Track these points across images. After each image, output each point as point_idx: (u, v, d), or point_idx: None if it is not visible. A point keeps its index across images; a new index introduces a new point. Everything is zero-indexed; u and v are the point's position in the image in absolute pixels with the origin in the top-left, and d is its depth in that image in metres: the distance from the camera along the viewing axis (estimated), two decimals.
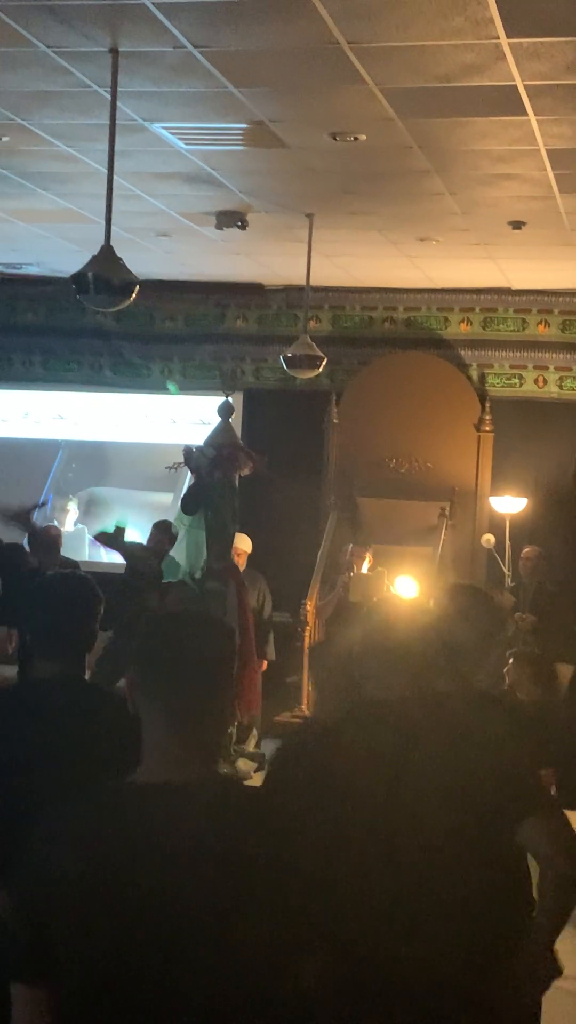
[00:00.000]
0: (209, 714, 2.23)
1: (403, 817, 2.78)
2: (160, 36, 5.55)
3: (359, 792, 2.75)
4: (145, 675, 2.24)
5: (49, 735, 3.08)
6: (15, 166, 8.07)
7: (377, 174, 7.77)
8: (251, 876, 2.09)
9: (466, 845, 2.83)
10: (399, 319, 12.13)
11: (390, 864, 2.73)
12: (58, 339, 12.94)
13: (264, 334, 12.34)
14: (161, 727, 2.20)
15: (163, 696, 2.20)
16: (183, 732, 2.19)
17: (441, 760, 2.87)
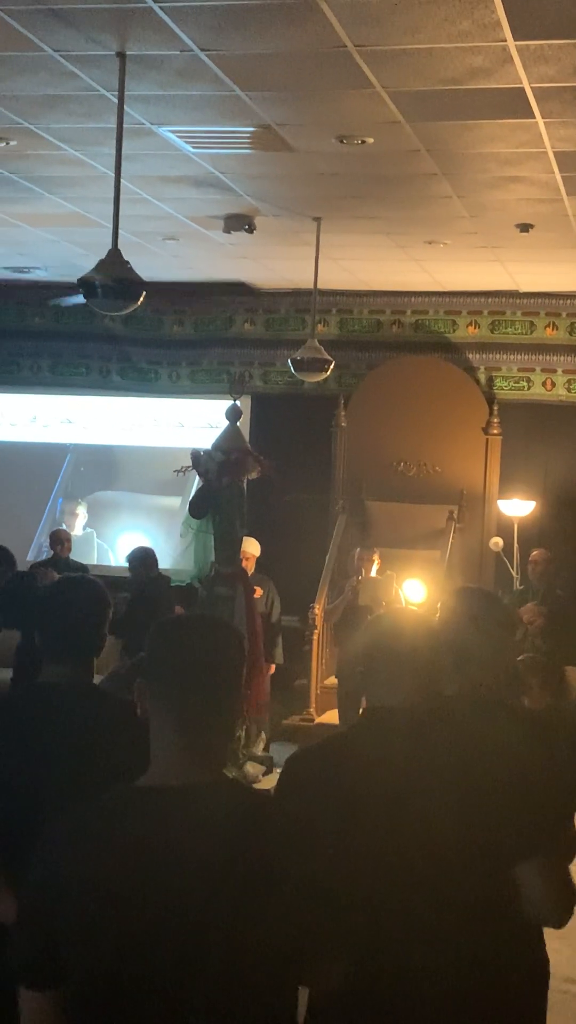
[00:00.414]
0: (218, 718, 2.22)
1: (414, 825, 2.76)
2: (167, 40, 5.56)
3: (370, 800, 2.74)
4: (155, 680, 2.23)
5: (57, 739, 3.07)
6: (22, 170, 8.08)
7: (384, 177, 7.76)
8: (260, 882, 2.09)
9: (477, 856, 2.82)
10: (407, 322, 12.13)
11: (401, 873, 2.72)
12: (66, 343, 12.97)
13: (272, 338, 12.35)
14: (170, 732, 2.20)
15: (172, 701, 2.20)
16: (192, 737, 2.19)
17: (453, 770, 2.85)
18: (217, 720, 2.22)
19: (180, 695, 2.21)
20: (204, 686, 2.21)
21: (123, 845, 2.11)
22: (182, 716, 2.20)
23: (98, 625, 3.34)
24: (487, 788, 2.86)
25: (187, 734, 2.19)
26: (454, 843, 2.81)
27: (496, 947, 2.88)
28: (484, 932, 2.85)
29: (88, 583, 3.49)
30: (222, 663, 2.26)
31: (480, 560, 11.30)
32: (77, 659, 3.26)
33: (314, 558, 10.80)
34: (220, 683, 2.24)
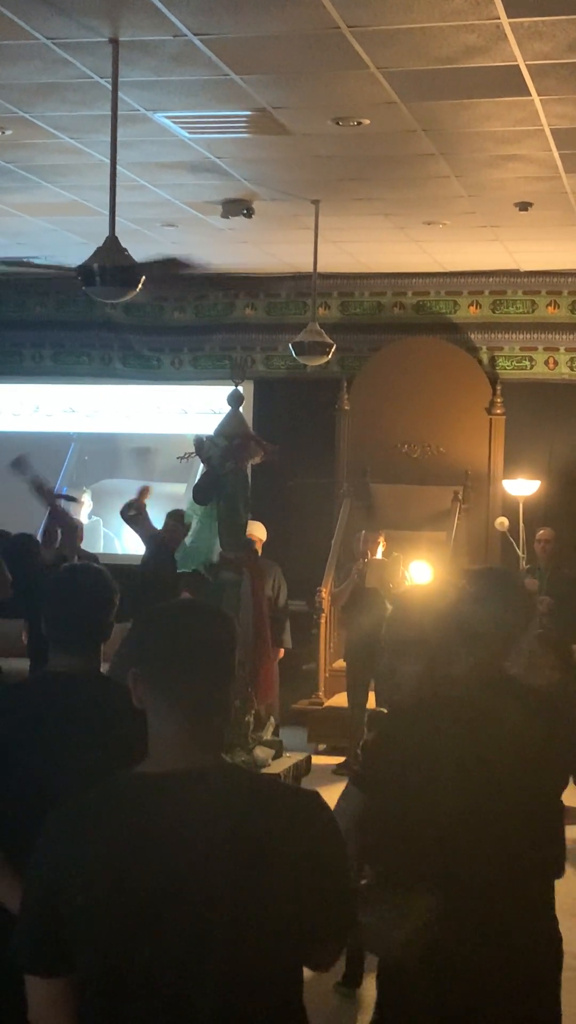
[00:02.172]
0: (215, 702, 2.22)
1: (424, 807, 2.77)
2: (160, 25, 5.54)
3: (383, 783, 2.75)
4: (149, 666, 2.23)
5: (65, 727, 3.08)
6: (19, 159, 8.06)
7: (382, 159, 7.75)
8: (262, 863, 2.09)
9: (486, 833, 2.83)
10: (408, 304, 12.11)
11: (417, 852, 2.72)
12: (68, 332, 12.95)
13: (273, 322, 12.33)
14: (167, 717, 2.20)
15: (168, 686, 2.20)
16: (190, 722, 2.19)
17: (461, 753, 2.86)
18: (213, 704, 2.22)
19: (175, 680, 2.20)
20: (198, 670, 2.20)
21: (124, 831, 2.11)
22: (179, 701, 2.19)
23: (104, 613, 3.35)
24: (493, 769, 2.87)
25: (185, 719, 2.19)
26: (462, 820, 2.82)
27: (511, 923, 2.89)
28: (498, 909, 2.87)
29: (94, 571, 3.49)
30: (215, 646, 2.24)
31: (486, 540, 11.30)
32: (84, 647, 3.26)
33: (320, 541, 10.80)
34: (214, 667, 2.23)
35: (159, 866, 2.07)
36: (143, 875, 2.07)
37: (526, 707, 3.10)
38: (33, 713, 3.17)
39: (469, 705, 3.03)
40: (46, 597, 3.40)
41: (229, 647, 2.27)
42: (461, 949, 2.83)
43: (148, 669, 2.23)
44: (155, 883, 2.07)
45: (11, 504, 12.85)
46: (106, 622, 3.35)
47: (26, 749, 3.09)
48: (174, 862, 2.08)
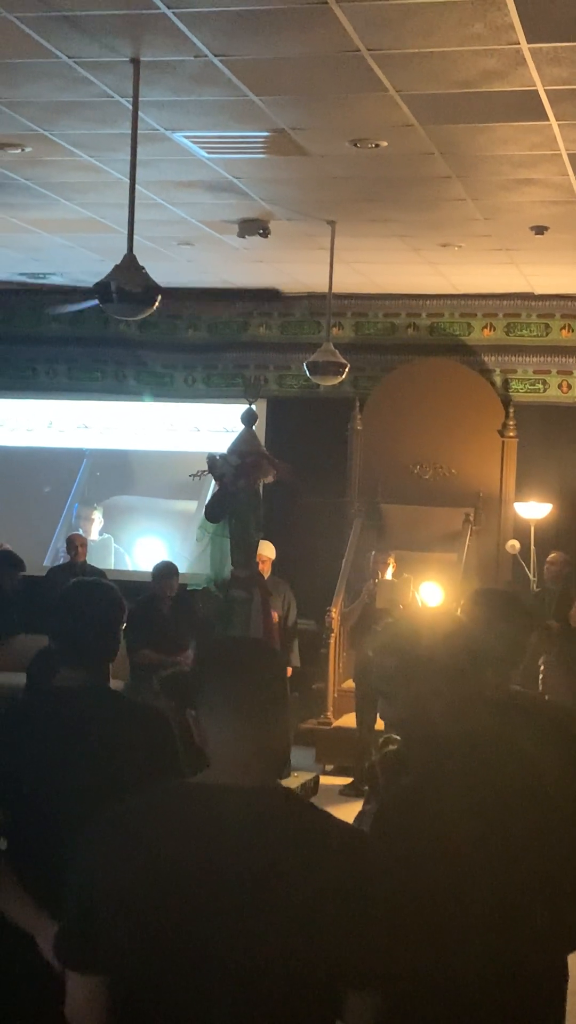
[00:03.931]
0: (274, 729, 2.31)
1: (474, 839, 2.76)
2: (181, 45, 5.57)
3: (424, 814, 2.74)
4: (212, 698, 2.31)
5: (73, 743, 3.08)
6: (37, 176, 8.10)
7: (398, 181, 7.77)
8: (298, 891, 2.11)
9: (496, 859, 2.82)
10: (422, 325, 12.13)
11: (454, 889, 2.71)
12: (82, 348, 12.99)
13: (287, 342, 12.36)
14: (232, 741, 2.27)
15: (231, 715, 2.28)
16: (253, 745, 2.27)
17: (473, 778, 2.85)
18: (270, 728, 2.30)
19: (237, 711, 2.28)
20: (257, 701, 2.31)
21: (165, 837, 2.17)
22: (239, 729, 2.28)
23: (112, 629, 3.35)
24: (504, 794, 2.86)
25: (249, 742, 2.27)
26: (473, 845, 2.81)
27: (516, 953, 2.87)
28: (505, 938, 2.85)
29: (102, 587, 3.50)
30: (269, 678, 2.35)
31: (497, 563, 11.29)
32: (92, 663, 3.27)
33: (330, 561, 10.80)
34: (274, 696, 2.33)
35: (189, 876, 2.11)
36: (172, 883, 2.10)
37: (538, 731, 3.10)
38: (42, 728, 3.17)
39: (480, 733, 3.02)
40: (54, 613, 3.41)
41: (280, 676, 2.39)
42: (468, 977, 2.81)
43: (209, 700, 2.31)
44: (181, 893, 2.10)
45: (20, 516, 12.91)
46: (115, 637, 3.36)
47: (35, 765, 3.10)
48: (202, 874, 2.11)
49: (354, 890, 2.16)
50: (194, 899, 2.10)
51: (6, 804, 3.10)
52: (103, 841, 2.22)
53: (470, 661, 3.07)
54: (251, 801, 2.19)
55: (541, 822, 2.88)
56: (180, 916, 2.11)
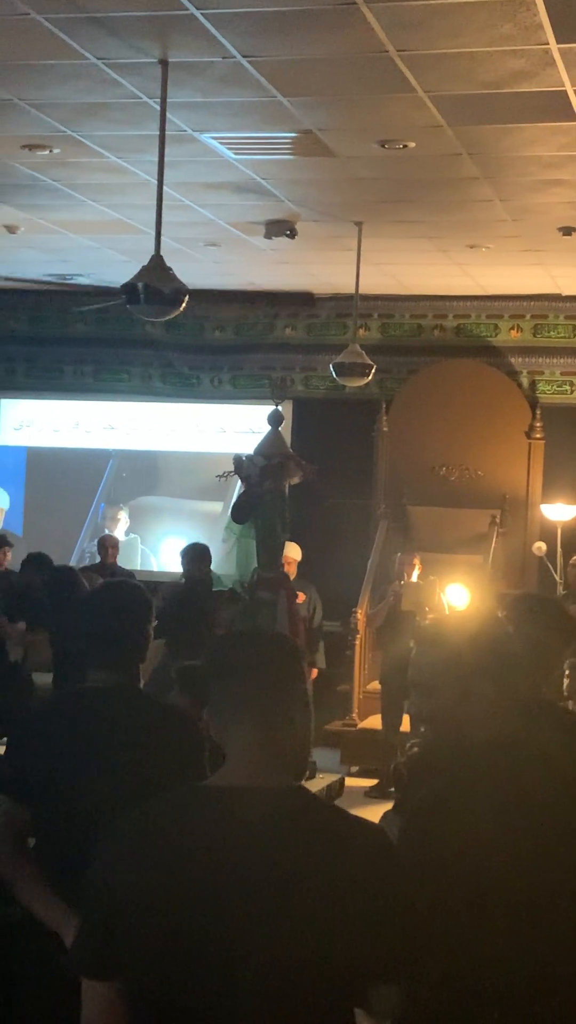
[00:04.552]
0: (291, 724, 2.28)
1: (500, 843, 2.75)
2: (209, 47, 5.57)
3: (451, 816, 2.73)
4: (226, 692, 2.29)
5: (103, 744, 3.09)
6: (65, 177, 8.12)
7: (426, 182, 7.76)
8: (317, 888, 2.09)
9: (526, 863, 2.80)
10: (448, 327, 12.10)
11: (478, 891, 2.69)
12: (109, 350, 13.01)
13: (313, 343, 12.35)
14: (241, 741, 2.25)
15: (243, 711, 2.25)
16: (266, 742, 2.24)
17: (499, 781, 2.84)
18: (286, 727, 2.27)
19: (250, 707, 2.25)
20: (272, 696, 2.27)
21: (178, 842, 2.15)
22: (253, 726, 2.24)
23: (141, 629, 3.36)
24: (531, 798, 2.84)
25: (264, 741, 2.24)
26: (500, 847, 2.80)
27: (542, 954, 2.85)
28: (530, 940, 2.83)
29: (131, 587, 3.50)
30: (285, 673, 2.31)
31: (523, 565, 11.26)
32: (121, 664, 3.27)
33: (356, 563, 10.79)
34: (286, 692, 2.29)
35: (205, 880, 2.09)
36: (189, 888, 2.09)
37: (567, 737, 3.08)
38: (71, 729, 3.18)
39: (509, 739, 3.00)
40: (83, 614, 3.41)
41: (298, 673, 2.34)
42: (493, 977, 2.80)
43: (224, 694, 2.28)
44: (200, 898, 2.09)
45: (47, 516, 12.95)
46: (143, 638, 3.36)
47: (64, 764, 3.10)
48: (219, 878, 2.09)
49: (378, 891, 2.15)
50: (215, 902, 2.09)
51: (35, 803, 3.10)
52: (122, 845, 2.20)
53: (506, 665, 3.06)
54: (273, 802, 2.18)
55: (568, 826, 2.86)
56: (201, 919, 2.09)
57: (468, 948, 2.65)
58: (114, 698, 3.20)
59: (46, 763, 3.11)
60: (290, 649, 2.38)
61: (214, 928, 2.08)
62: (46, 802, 3.09)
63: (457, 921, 2.63)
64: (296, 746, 2.31)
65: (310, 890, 2.10)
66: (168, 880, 2.11)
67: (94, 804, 2.82)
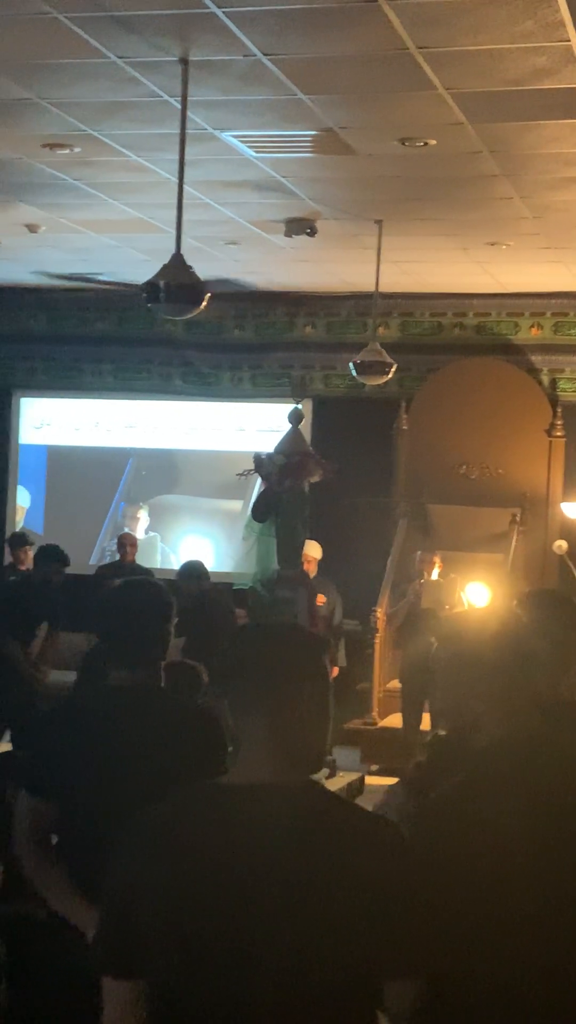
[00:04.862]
0: (307, 720, 2.26)
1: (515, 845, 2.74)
2: (230, 45, 5.57)
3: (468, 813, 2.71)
4: (241, 683, 2.27)
5: (125, 742, 3.09)
6: (86, 176, 8.13)
7: (446, 179, 7.74)
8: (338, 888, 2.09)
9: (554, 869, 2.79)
10: (469, 325, 12.08)
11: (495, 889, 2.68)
12: (129, 348, 13.02)
13: (333, 341, 12.34)
14: (256, 734, 2.23)
15: (258, 703, 2.23)
16: (282, 740, 2.22)
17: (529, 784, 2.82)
18: (302, 722, 2.25)
19: (265, 699, 2.24)
20: (288, 690, 2.25)
21: (198, 841, 2.14)
22: (267, 719, 2.23)
23: (162, 628, 3.36)
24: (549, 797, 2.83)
25: (278, 736, 2.22)
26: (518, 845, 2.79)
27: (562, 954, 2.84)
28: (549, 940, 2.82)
29: (151, 586, 3.51)
30: (303, 666, 2.29)
31: (543, 563, 11.22)
32: (143, 662, 3.28)
33: (376, 561, 10.78)
34: (302, 686, 2.27)
35: (223, 878, 2.09)
36: (208, 886, 2.09)
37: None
38: (94, 727, 3.18)
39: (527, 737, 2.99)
40: (104, 613, 3.42)
41: (319, 668, 2.31)
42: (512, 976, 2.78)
43: (238, 685, 2.26)
44: (218, 896, 2.09)
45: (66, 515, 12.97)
46: (165, 635, 3.36)
47: (87, 762, 3.11)
48: (237, 875, 2.09)
49: (395, 887, 2.14)
50: (233, 900, 2.09)
51: (58, 801, 3.11)
52: (139, 843, 2.20)
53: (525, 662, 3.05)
54: (289, 800, 2.17)
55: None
56: (219, 918, 2.09)
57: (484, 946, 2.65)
58: (136, 696, 3.20)
59: (69, 761, 3.12)
60: (308, 642, 2.36)
61: (232, 926, 2.08)
62: (69, 800, 3.10)
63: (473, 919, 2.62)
64: (311, 741, 2.30)
65: (327, 887, 2.10)
66: (185, 878, 2.11)
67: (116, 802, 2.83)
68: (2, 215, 9.38)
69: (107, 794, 2.98)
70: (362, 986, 2.13)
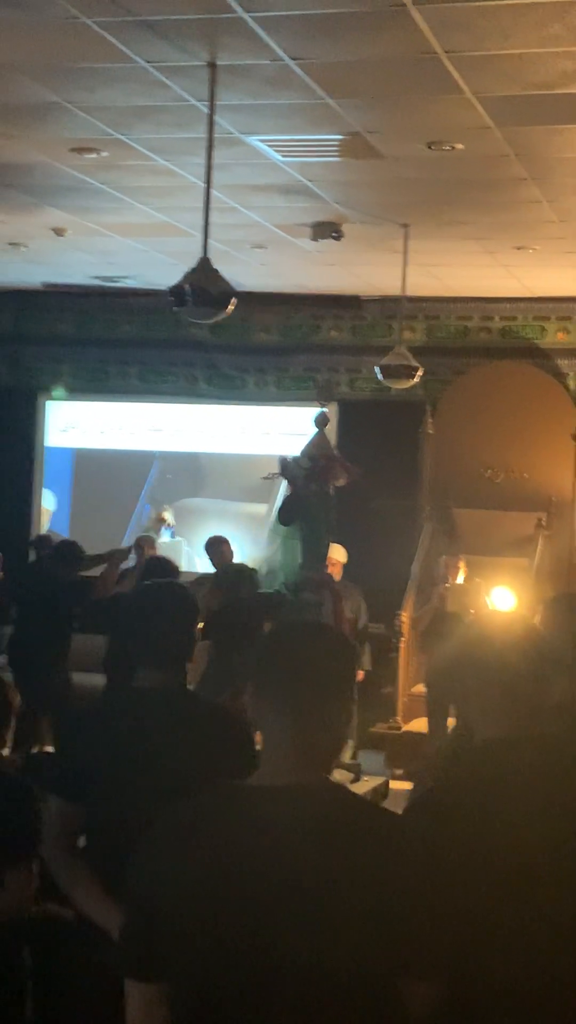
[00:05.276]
0: (328, 723, 2.25)
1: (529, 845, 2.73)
2: (258, 49, 5.58)
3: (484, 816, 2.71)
4: (267, 682, 2.27)
5: (152, 743, 3.10)
6: (113, 180, 8.16)
7: (473, 183, 7.73)
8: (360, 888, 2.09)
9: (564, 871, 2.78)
10: (495, 328, 12.06)
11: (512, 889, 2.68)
12: (154, 351, 13.05)
13: (359, 344, 12.33)
14: (281, 733, 2.23)
15: (284, 703, 2.23)
16: (302, 739, 2.22)
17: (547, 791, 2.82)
18: (325, 723, 2.25)
19: (291, 698, 2.23)
20: (314, 690, 2.24)
21: (221, 842, 2.14)
22: (292, 718, 2.22)
23: (188, 630, 3.37)
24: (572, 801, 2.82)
25: (297, 736, 2.22)
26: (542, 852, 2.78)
27: None
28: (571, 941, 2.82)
29: (177, 588, 3.52)
30: (333, 667, 2.29)
31: (569, 567, 11.18)
32: (169, 664, 3.29)
33: (401, 565, 10.77)
34: (330, 687, 2.26)
35: (246, 880, 2.09)
36: (231, 888, 2.09)
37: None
38: (121, 728, 3.19)
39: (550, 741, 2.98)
40: (130, 615, 3.43)
41: (349, 671, 2.30)
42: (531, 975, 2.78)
43: (265, 682, 2.26)
44: (241, 897, 2.09)
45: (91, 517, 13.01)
46: (190, 637, 3.37)
47: (114, 764, 3.12)
48: (261, 877, 2.09)
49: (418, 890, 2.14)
50: (255, 903, 2.09)
51: (85, 803, 3.12)
52: (165, 844, 2.20)
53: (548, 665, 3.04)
54: (311, 801, 2.17)
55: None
56: (241, 920, 2.09)
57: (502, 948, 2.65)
58: (162, 698, 3.21)
59: (96, 763, 3.13)
60: (336, 643, 2.35)
61: (256, 928, 2.08)
62: (97, 802, 3.11)
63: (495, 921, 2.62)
64: (333, 743, 2.30)
65: (352, 890, 2.10)
66: (210, 880, 2.12)
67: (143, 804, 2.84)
68: (29, 218, 9.41)
69: (134, 796, 2.99)
70: (383, 988, 2.13)
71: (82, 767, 3.16)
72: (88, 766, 3.14)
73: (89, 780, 3.12)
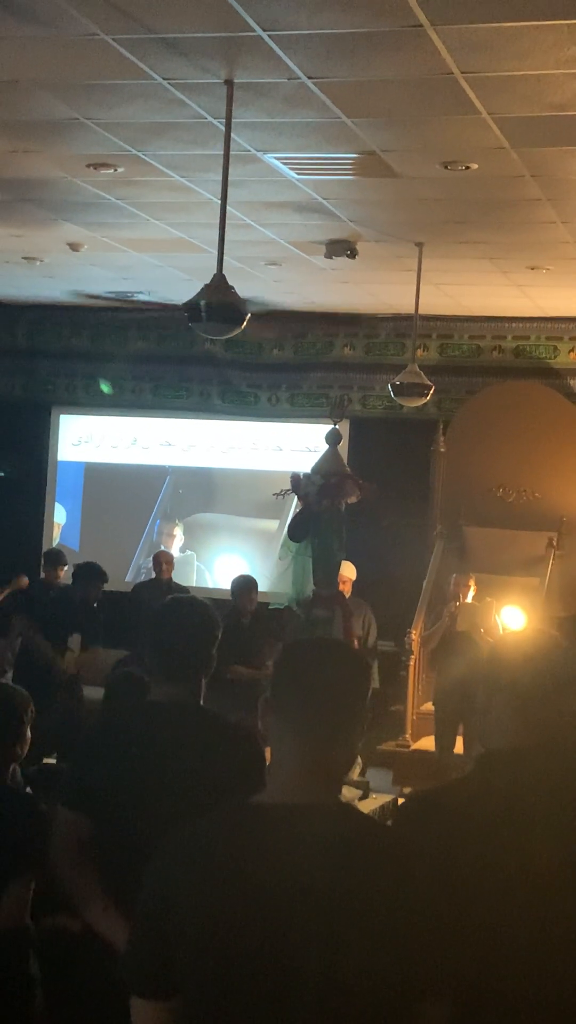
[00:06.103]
0: (339, 741, 2.25)
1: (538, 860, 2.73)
2: (275, 67, 5.61)
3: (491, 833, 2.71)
4: (279, 699, 2.27)
5: (166, 758, 3.10)
6: (129, 196, 8.19)
7: (488, 203, 7.75)
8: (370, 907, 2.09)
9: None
10: (507, 348, 12.07)
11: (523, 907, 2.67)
12: (168, 367, 13.08)
13: (372, 362, 12.35)
14: (291, 750, 2.22)
15: (295, 720, 2.23)
16: (312, 757, 2.22)
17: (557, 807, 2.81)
18: (337, 741, 2.24)
19: (303, 715, 2.23)
20: (328, 708, 2.24)
21: (232, 861, 2.14)
22: (304, 736, 2.22)
23: (207, 646, 3.37)
24: None
25: (307, 754, 2.21)
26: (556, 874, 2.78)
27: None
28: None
29: (196, 604, 3.53)
30: (347, 686, 2.29)
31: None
32: (186, 679, 3.29)
33: (411, 583, 10.76)
34: (344, 706, 2.26)
35: (258, 899, 2.09)
36: (242, 906, 2.08)
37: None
38: (134, 743, 3.20)
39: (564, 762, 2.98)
40: (149, 629, 3.44)
41: (361, 689, 2.30)
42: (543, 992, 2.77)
43: (278, 700, 2.26)
44: (252, 916, 2.08)
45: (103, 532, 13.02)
46: (208, 654, 3.38)
47: (127, 779, 3.12)
48: (272, 896, 2.09)
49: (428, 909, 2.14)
50: (269, 919, 2.08)
51: (97, 817, 3.12)
52: (176, 859, 2.19)
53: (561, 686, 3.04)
54: (323, 821, 2.17)
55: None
56: (255, 936, 2.08)
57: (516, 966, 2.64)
58: (176, 713, 3.22)
59: (109, 777, 3.13)
60: (351, 661, 2.35)
61: (266, 946, 2.07)
62: (108, 816, 3.11)
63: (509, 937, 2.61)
64: (344, 762, 2.30)
65: (361, 909, 2.09)
66: (220, 897, 2.11)
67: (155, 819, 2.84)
68: (45, 233, 9.46)
69: (144, 809, 2.99)
70: (396, 1006, 2.13)
71: (92, 779, 3.16)
72: (99, 778, 3.15)
73: (99, 792, 3.13)
